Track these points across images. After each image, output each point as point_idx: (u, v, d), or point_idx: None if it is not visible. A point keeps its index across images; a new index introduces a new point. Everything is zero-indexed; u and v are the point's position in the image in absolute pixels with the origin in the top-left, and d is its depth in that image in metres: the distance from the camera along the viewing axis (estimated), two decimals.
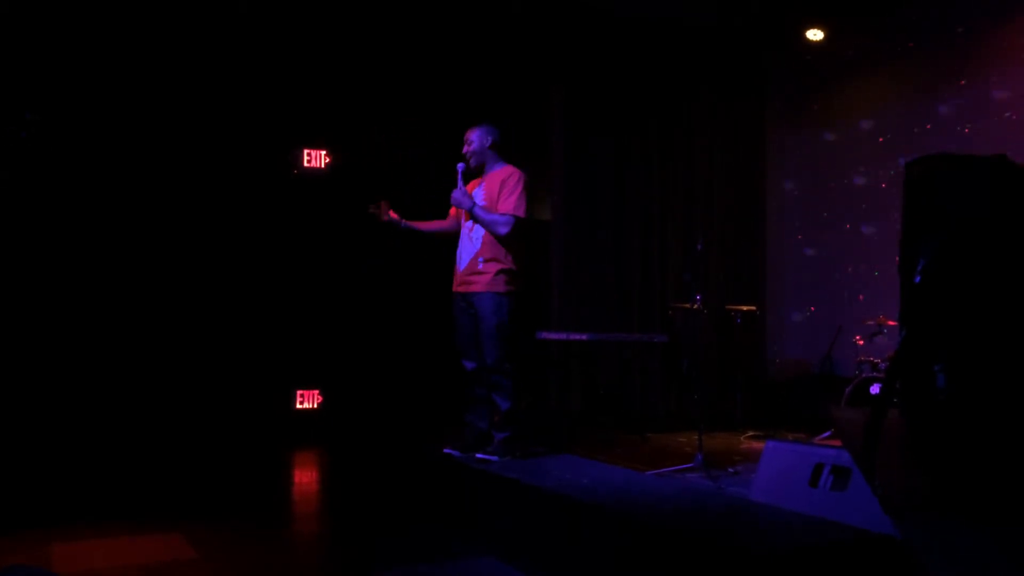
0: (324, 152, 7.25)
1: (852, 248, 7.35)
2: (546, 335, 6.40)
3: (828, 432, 5.76)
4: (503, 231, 4.32)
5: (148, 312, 6.53)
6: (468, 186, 4.52)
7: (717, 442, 6.02)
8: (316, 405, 7.12)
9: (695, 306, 5.40)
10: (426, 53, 7.10)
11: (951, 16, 6.62)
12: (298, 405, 7.07)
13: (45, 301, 6.21)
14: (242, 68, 6.77)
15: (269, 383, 6.92)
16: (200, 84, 6.68)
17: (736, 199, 7.98)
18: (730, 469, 4.91)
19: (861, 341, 6.25)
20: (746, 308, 7.10)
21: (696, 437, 5.01)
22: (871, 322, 6.17)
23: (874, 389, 5.74)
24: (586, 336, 6.30)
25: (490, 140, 4.50)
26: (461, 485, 4.38)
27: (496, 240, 4.36)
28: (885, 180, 7.04)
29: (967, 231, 1.94)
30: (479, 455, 4.38)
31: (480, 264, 4.38)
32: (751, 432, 6.53)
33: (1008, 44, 6.21)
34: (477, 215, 4.36)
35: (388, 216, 4.63)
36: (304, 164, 7.18)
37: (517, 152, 4.69)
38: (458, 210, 4.59)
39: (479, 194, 4.48)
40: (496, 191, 4.39)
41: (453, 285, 4.54)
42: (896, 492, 1.90)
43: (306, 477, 6.07)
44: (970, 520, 1.78)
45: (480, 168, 4.55)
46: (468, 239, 4.46)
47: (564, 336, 6.40)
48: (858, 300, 7.11)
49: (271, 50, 6.77)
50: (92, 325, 6.32)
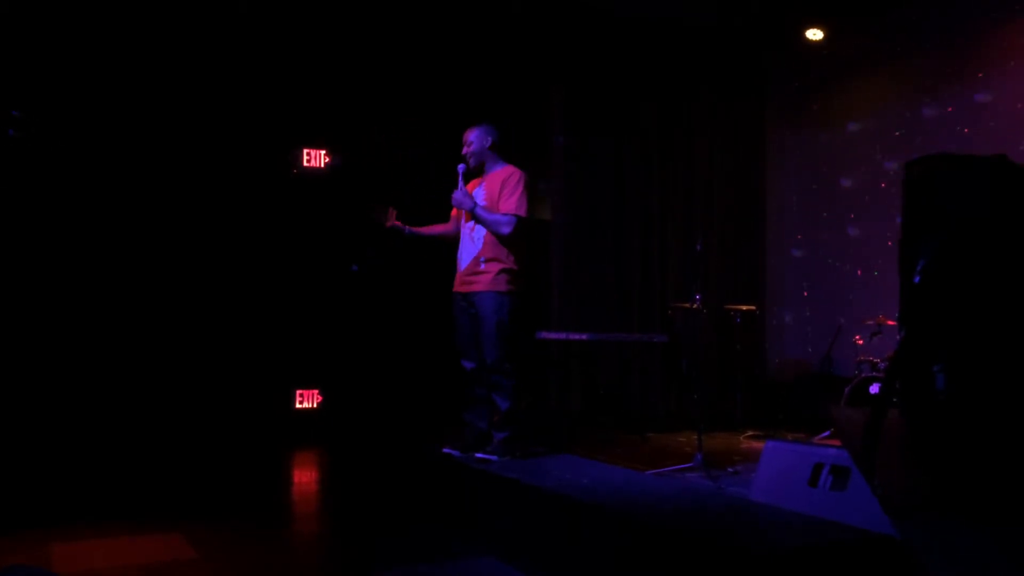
0: (324, 152, 7.25)
1: (852, 248, 7.36)
2: (546, 335, 6.40)
3: (828, 432, 5.77)
4: (506, 231, 4.32)
5: (148, 312, 6.53)
6: (468, 186, 4.51)
7: (717, 442, 6.02)
8: (316, 405, 7.12)
9: (695, 306, 5.40)
10: (426, 53, 7.10)
11: (951, 16, 6.62)
12: (298, 405, 7.07)
13: (44, 301, 6.20)
14: (242, 68, 6.77)
15: (269, 383, 6.92)
16: (200, 84, 6.68)
17: (736, 199, 7.98)
18: (730, 469, 4.91)
19: (861, 341, 6.25)
20: (746, 308, 7.10)
21: (696, 437, 5.01)
22: (871, 322, 6.17)
23: (874, 389, 5.74)
24: (586, 336, 6.30)
25: (490, 140, 4.50)
26: (461, 485, 4.38)
27: (498, 240, 4.36)
28: (885, 180, 7.04)
29: (967, 231, 1.94)
30: (479, 455, 4.38)
31: (482, 264, 4.38)
32: (751, 432, 6.53)
33: (1008, 44, 6.22)
34: (479, 216, 4.36)
35: (392, 222, 4.63)
36: (304, 164, 7.18)
37: (517, 152, 4.68)
38: (459, 211, 4.59)
39: (479, 194, 4.47)
40: (497, 191, 4.38)
41: (454, 285, 4.54)
42: (896, 492, 1.90)
43: (306, 477, 6.07)
44: (970, 520, 1.78)
45: (480, 168, 4.55)
46: (469, 239, 4.46)
47: (564, 336, 6.40)
48: (858, 300, 7.11)
49: (271, 50, 6.77)
50: (92, 325, 6.32)
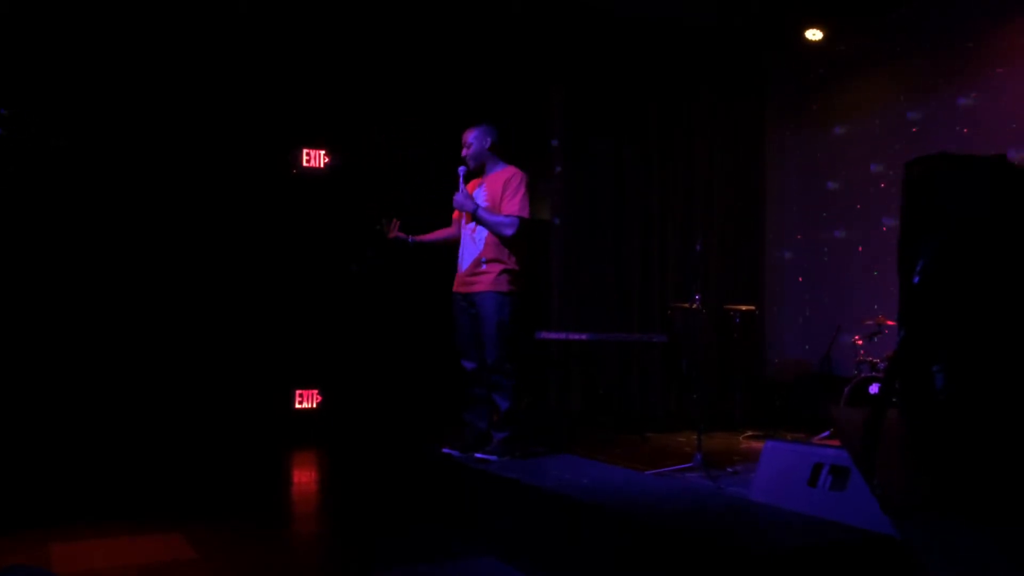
0: (323, 152, 7.25)
1: (851, 248, 7.36)
2: (546, 335, 6.40)
3: (827, 432, 5.77)
4: (509, 232, 4.32)
5: (148, 312, 6.53)
6: (468, 187, 4.51)
7: (716, 442, 6.02)
8: (315, 405, 7.12)
9: (694, 306, 5.40)
10: (426, 53, 7.10)
11: (951, 16, 6.62)
12: (297, 405, 7.07)
13: (44, 302, 6.20)
14: (242, 68, 6.77)
15: (268, 383, 6.92)
16: (199, 84, 6.68)
17: (736, 199, 7.98)
18: (729, 469, 4.91)
19: (860, 341, 6.25)
20: (745, 308, 7.09)
21: (695, 437, 5.01)
22: (870, 322, 6.17)
23: (873, 389, 5.74)
24: (586, 336, 6.30)
25: (489, 141, 4.50)
26: (461, 485, 4.38)
27: (500, 241, 4.36)
28: (884, 180, 7.04)
29: (966, 231, 1.94)
30: (478, 455, 4.38)
31: (483, 265, 4.38)
32: (750, 432, 6.53)
33: (1008, 44, 6.22)
34: (482, 217, 4.36)
35: (395, 233, 4.63)
36: (303, 164, 7.18)
37: (517, 152, 4.69)
38: (460, 213, 4.59)
39: (480, 195, 4.47)
40: (499, 192, 4.39)
41: (454, 285, 4.54)
42: (896, 492, 1.91)
43: (306, 477, 6.07)
44: (970, 520, 1.78)
45: (480, 169, 4.55)
46: (471, 240, 4.46)
47: (564, 336, 6.40)
48: (857, 300, 7.10)
49: (271, 50, 6.77)
50: (92, 325, 6.32)
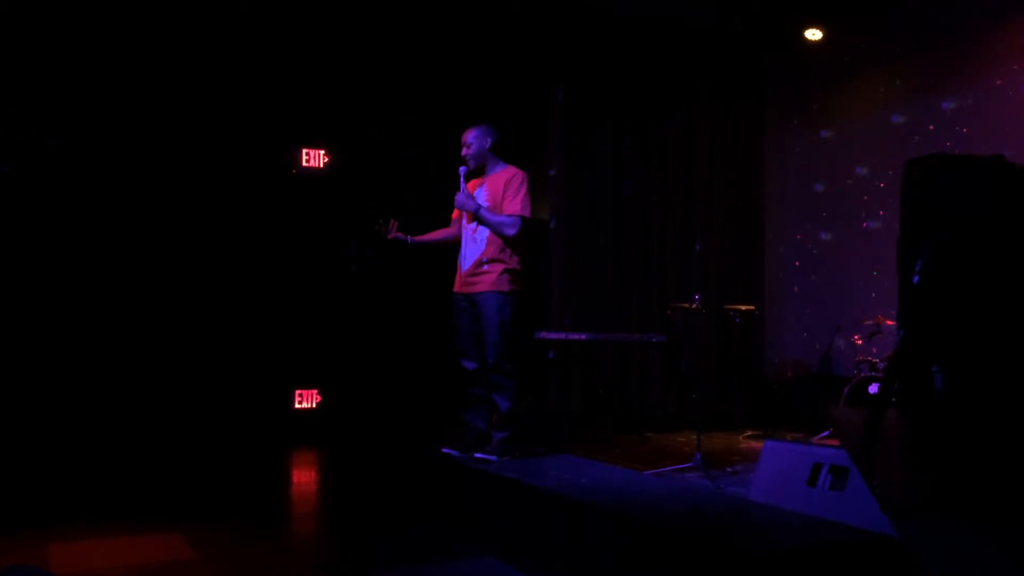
0: (323, 152, 7.25)
1: (851, 248, 7.35)
2: (546, 335, 6.40)
3: (827, 432, 5.76)
4: (511, 232, 4.33)
5: (148, 312, 6.53)
6: (468, 186, 4.51)
7: (716, 442, 6.02)
8: (315, 405, 7.12)
9: (694, 306, 5.40)
10: (426, 53, 7.09)
11: (951, 16, 6.62)
12: (297, 405, 7.07)
13: (45, 302, 6.20)
14: (241, 68, 6.77)
15: (268, 383, 6.92)
16: (199, 83, 6.68)
17: (735, 199, 7.98)
18: (729, 469, 4.91)
19: (860, 341, 6.25)
20: (745, 308, 7.09)
21: (695, 437, 5.01)
22: (870, 322, 6.17)
23: (873, 389, 5.74)
24: (585, 336, 6.30)
25: (489, 141, 4.50)
26: (460, 485, 4.38)
27: (501, 240, 4.37)
28: (884, 180, 7.04)
29: (966, 231, 1.94)
30: (478, 455, 4.38)
31: (484, 265, 4.38)
32: (750, 432, 6.53)
33: (1008, 44, 6.22)
34: (484, 217, 4.36)
35: (394, 234, 4.62)
36: (303, 164, 7.18)
37: (517, 152, 4.69)
38: (460, 213, 4.59)
39: (481, 195, 4.47)
40: (500, 192, 4.39)
41: (455, 286, 4.54)
42: (895, 492, 1.90)
43: (305, 477, 6.07)
44: (970, 520, 1.78)
45: (480, 169, 4.55)
46: (472, 240, 4.46)
47: (564, 336, 6.40)
48: (857, 300, 7.10)
49: (270, 50, 6.77)
50: (92, 325, 6.32)
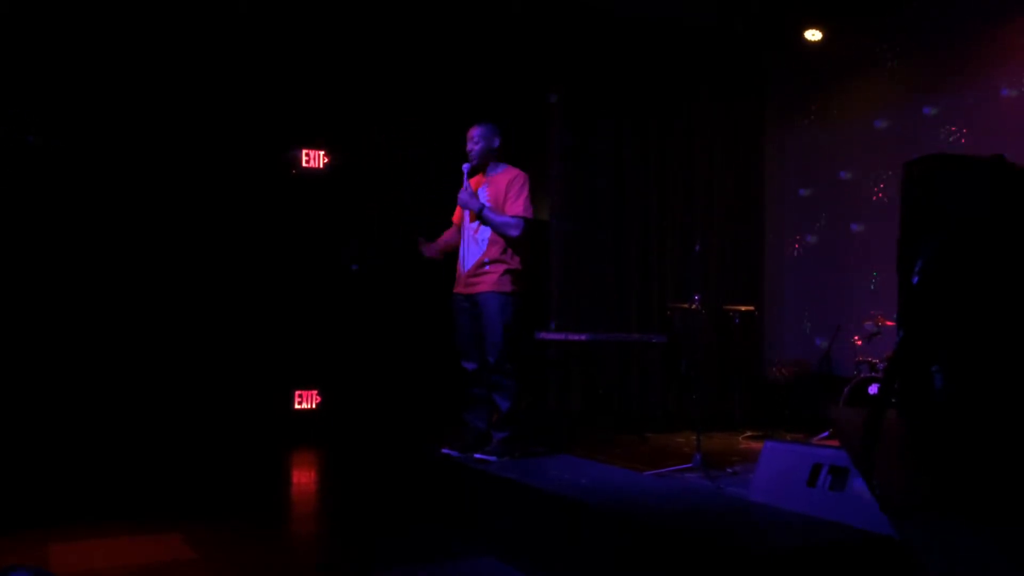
0: (323, 152, 7.25)
1: (851, 248, 7.35)
2: (545, 335, 6.40)
3: (827, 432, 5.77)
4: (514, 233, 4.34)
5: (148, 313, 6.52)
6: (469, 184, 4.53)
7: (716, 442, 6.02)
8: (315, 405, 7.11)
9: (694, 306, 5.40)
10: (426, 53, 7.09)
11: (950, 16, 6.62)
12: (297, 405, 7.06)
13: (45, 302, 6.20)
14: (241, 68, 6.76)
15: (268, 383, 6.91)
16: (199, 84, 6.67)
17: (735, 199, 7.98)
18: (729, 469, 4.91)
19: (860, 341, 6.25)
20: (745, 308, 7.09)
21: (695, 437, 5.01)
22: (869, 322, 6.17)
23: (872, 389, 5.74)
24: (585, 336, 6.30)
25: (496, 142, 4.53)
26: (460, 485, 4.38)
27: (503, 241, 4.37)
28: (884, 180, 7.04)
29: (966, 231, 1.94)
30: (477, 455, 4.38)
31: (486, 265, 4.39)
32: (749, 432, 6.53)
33: (1008, 44, 6.22)
34: (487, 217, 4.37)
35: (427, 252, 4.65)
36: (303, 164, 7.17)
37: (517, 152, 4.69)
38: (460, 215, 4.59)
39: (483, 195, 4.48)
40: (503, 193, 4.40)
41: (456, 286, 4.54)
42: (896, 492, 1.91)
43: (305, 477, 6.07)
44: (970, 520, 1.78)
45: (482, 168, 4.56)
46: (473, 240, 4.46)
47: (563, 336, 6.40)
48: (857, 300, 7.10)
49: (270, 50, 6.76)
50: (92, 325, 6.31)
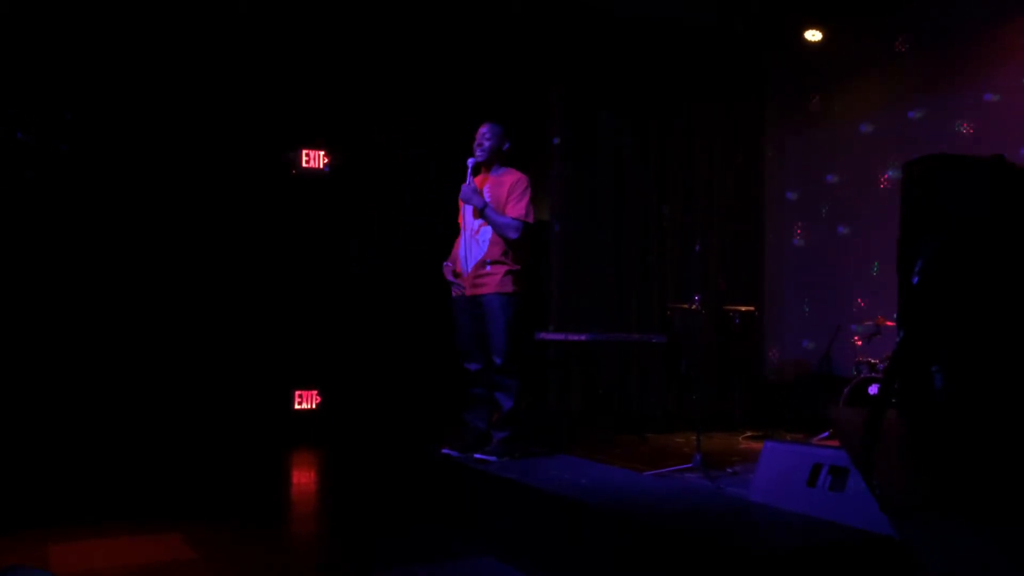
0: (323, 152, 7.25)
1: (851, 248, 7.35)
2: (545, 336, 6.40)
3: (827, 432, 5.76)
4: (513, 235, 4.36)
5: (148, 313, 6.52)
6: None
7: (716, 442, 6.02)
8: (315, 405, 7.11)
9: (694, 306, 5.40)
10: (426, 53, 7.10)
11: (951, 16, 6.62)
12: (297, 405, 7.07)
13: (45, 302, 6.20)
14: (241, 68, 6.77)
15: (268, 383, 6.91)
16: (199, 84, 6.67)
17: (735, 199, 7.98)
18: (728, 469, 4.91)
19: (860, 341, 6.25)
20: (745, 308, 7.09)
21: (695, 437, 5.00)
22: (869, 322, 6.17)
23: (872, 389, 5.74)
24: (585, 337, 6.30)
25: (507, 144, 4.56)
26: (460, 485, 4.38)
27: (503, 242, 4.38)
28: (884, 180, 7.04)
29: (966, 231, 1.94)
30: (477, 455, 4.38)
31: (488, 266, 4.40)
32: (749, 432, 6.53)
33: (1009, 44, 6.22)
34: (488, 216, 4.38)
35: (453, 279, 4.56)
36: (303, 164, 7.18)
37: (517, 152, 4.69)
38: (461, 216, 4.59)
39: (485, 194, 4.49)
40: (504, 195, 4.42)
41: (456, 287, 4.54)
42: (896, 492, 1.90)
43: (305, 477, 6.07)
44: (970, 520, 1.78)
45: (487, 167, 4.57)
46: (474, 241, 4.46)
47: (563, 337, 6.39)
48: (857, 300, 7.10)
49: (270, 50, 6.76)
50: (92, 325, 6.31)
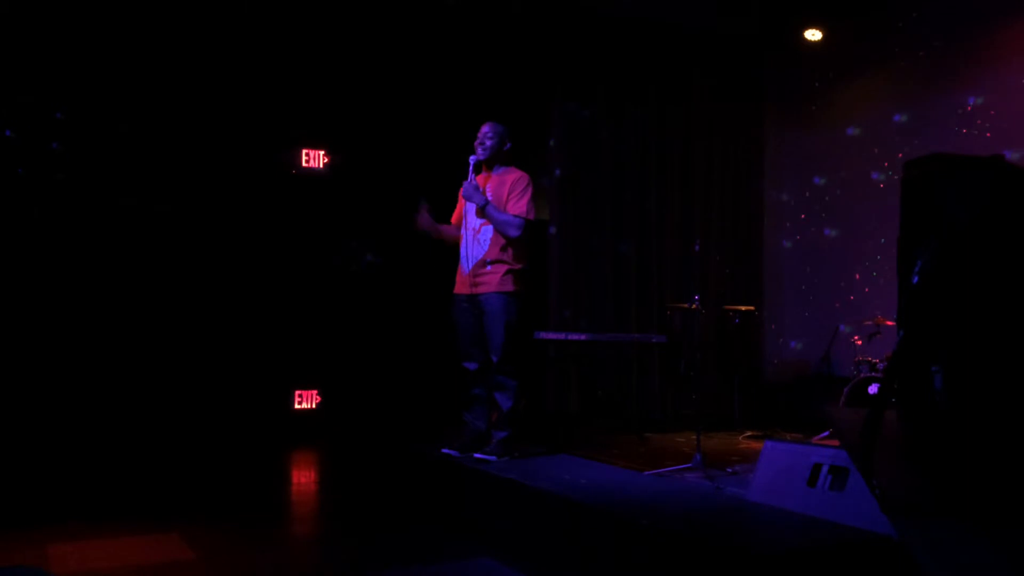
0: (323, 152, 7.25)
1: (850, 248, 7.36)
2: (544, 335, 6.39)
3: (826, 432, 5.76)
4: (515, 233, 4.35)
5: (148, 313, 6.52)
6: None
7: (715, 442, 6.02)
8: (314, 405, 7.11)
9: (693, 306, 5.40)
10: (426, 53, 7.10)
11: (951, 16, 6.62)
12: (296, 405, 7.07)
13: (45, 302, 6.20)
14: (242, 68, 6.77)
15: (268, 383, 6.92)
16: (199, 83, 6.67)
17: (735, 199, 7.98)
18: (728, 469, 4.90)
19: (859, 341, 6.26)
20: (744, 308, 7.09)
21: (694, 437, 5.00)
22: (869, 322, 6.18)
23: (872, 389, 5.74)
24: (584, 336, 6.29)
25: (508, 144, 4.56)
26: (459, 485, 4.38)
27: (504, 241, 4.38)
28: (883, 180, 7.04)
29: (965, 232, 1.93)
30: (477, 455, 4.39)
31: (488, 266, 4.40)
32: (749, 432, 6.53)
33: (1009, 44, 6.22)
34: (490, 214, 4.38)
35: (424, 223, 4.54)
36: (303, 164, 7.18)
37: (516, 152, 4.70)
38: (460, 214, 4.59)
39: (486, 192, 4.49)
40: (505, 193, 4.42)
41: (456, 286, 4.54)
42: (895, 492, 1.90)
43: (304, 477, 6.07)
44: (970, 520, 1.78)
45: (488, 165, 4.57)
46: (475, 241, 4.46)
47: (562, 336, 6.39)
48: (856, 300, 7.11)
49: (271, 50, 6.77)
50: (92, 325, 6.31)
